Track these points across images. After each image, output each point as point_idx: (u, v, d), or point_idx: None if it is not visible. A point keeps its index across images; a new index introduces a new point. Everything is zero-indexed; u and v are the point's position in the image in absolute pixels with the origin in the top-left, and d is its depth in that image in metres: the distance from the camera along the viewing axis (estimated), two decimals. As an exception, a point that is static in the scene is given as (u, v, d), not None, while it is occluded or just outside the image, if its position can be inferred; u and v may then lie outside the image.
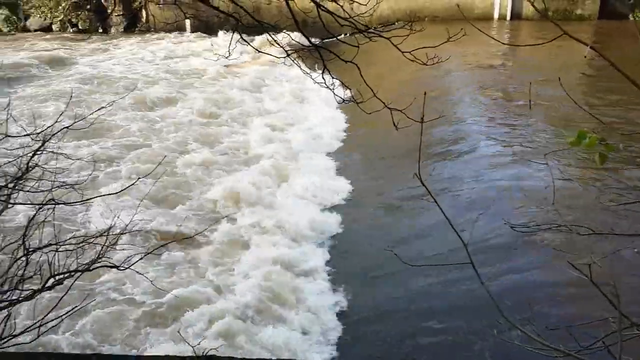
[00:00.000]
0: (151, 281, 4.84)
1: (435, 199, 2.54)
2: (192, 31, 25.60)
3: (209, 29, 24.50)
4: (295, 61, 4.38)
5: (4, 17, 25.64)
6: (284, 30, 4.60)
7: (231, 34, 4.17)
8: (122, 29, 26.75)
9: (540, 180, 7.92)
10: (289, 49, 4.49)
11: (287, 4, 3.50)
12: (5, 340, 3.45)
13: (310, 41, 3.84)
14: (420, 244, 7.40)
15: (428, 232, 7.55)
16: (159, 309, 5.91)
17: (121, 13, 26.77)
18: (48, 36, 24.64)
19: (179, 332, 5.03)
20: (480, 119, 11.71)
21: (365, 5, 3.89)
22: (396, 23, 4.83)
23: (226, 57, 4.57)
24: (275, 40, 3.94)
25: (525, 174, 8.54)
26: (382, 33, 3.63)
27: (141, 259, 4.35)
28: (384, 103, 3.72)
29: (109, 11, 26.66)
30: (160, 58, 20.72)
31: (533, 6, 21.31)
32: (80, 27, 26.50)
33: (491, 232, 6.98)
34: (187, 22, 25.06)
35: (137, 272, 4.35)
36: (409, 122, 3.73)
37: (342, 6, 3.66)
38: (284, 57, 4.38)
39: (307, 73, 4.43)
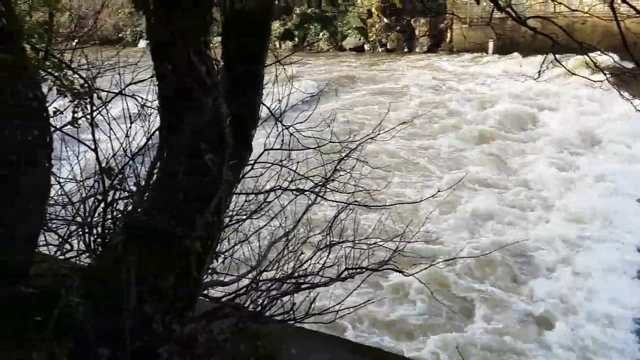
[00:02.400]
0: (432, 292, 5.00)
1: None
2: (494, 51, 25.37)
3: (512, 49, 23.95)
4: (614, 85, 4.00)
5: (327, 36, 29.45)
6: (603, 51, 4.24)
7: (544, 54, 4.03)
8: (426, 49, 28.07)
9: None
10: (607, 71, 4.12)
11: (618, 24, 3.23)
12: (307, 317, 4.00)
13: (638, 64, 3.47)
14: None
15: None
16: (434, 319, 6.07)
17: (427, 33, 28.14)
18: (360, 55, 27.53)
19: (456, 347, 5.08)
20: None
21: None
22: None
23: (535, 79, 4.44)
24: (594, 63, 3.67)
25: None
26: None
27: (425, 269, 4.53)
28: None
29: (417, 32, 28.28)
30: (467, 76, 21.18)
31: None
32: (388, 47, 28.77)
33: None
34: (491, 43, 24.94)
35: (420, 280, 4.54)
36: None
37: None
38: (601, 81, 4.04)
39: (629, 99, 4.01)
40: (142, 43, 30.17)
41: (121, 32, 33.20)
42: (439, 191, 4.90)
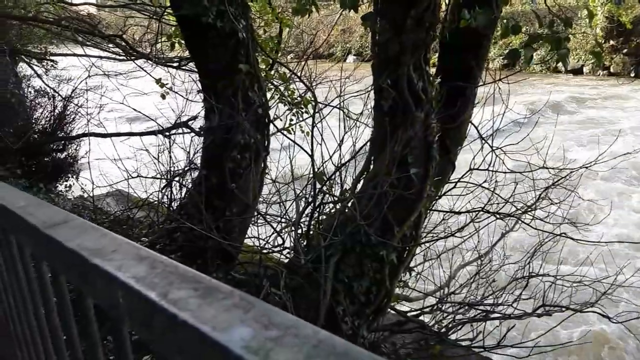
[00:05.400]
0: (641, 344, 4.39)
1: None
2: None
3: None
4: None
5: (540, 57, 27.70)
6: None
7: None
8: (657, 74, 24.89)
9: None
10: None
11: None
12: (497, 347, 3.81)
13: None
14: None
15: None
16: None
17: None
18: (578, 78, 25.38)
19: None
20: None
21: None
22: None
23: None
24: None
25: None
26: None
27: (638, 318, 4.02)
28: None
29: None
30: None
31: None
32: (611, 71, 26.07)
33: None
34: None
35: (629, 330, 4.04)
36: None
37: None
38: None
39: None
40: (351, 58, 31.68)
41: (332, 48, 35.32)
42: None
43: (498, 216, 4.22)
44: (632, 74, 25.85)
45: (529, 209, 4.54)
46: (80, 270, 0.71)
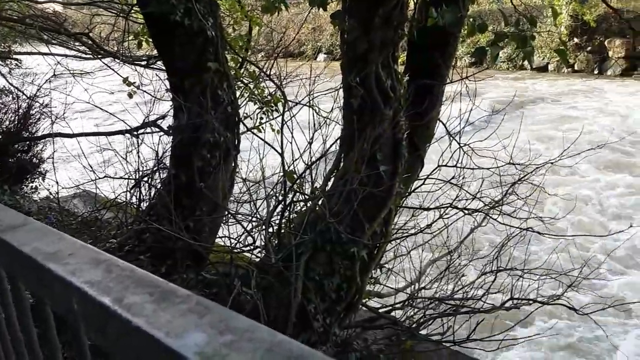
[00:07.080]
0: (607, 335, 4.51)
1: None
2: None
3: None
4: None
5: (507, 55, 28.12)
6: None
7: None
8: (620, 72, 25.55)
9: None
10: None
11: None
12: (467, 341, 3.87)
13: None
14: None
15: None
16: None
17: (622, 56, 25.62)
18: (545, 75, 25.90)
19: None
20: None
21: None
22: None
23: None
24: None
25: None
26: None
27: (603, 309, 4.12)
28: None
29: (610, 53, 25.88)
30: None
31: None
32: (576, 68, 26.67)
33: None
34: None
35: (595, 321, 4.14)
36: None
37: None
38: None
39: None
40: (321, 57, 31.67)
41: (302, 47, 35.26)
42: (631, 225, 4.39)
43: (466, 212, 4.27)
44: (596, 71, 26.48)
45: (497, 205, 4.61)
46: (37, 275, 0.70)
